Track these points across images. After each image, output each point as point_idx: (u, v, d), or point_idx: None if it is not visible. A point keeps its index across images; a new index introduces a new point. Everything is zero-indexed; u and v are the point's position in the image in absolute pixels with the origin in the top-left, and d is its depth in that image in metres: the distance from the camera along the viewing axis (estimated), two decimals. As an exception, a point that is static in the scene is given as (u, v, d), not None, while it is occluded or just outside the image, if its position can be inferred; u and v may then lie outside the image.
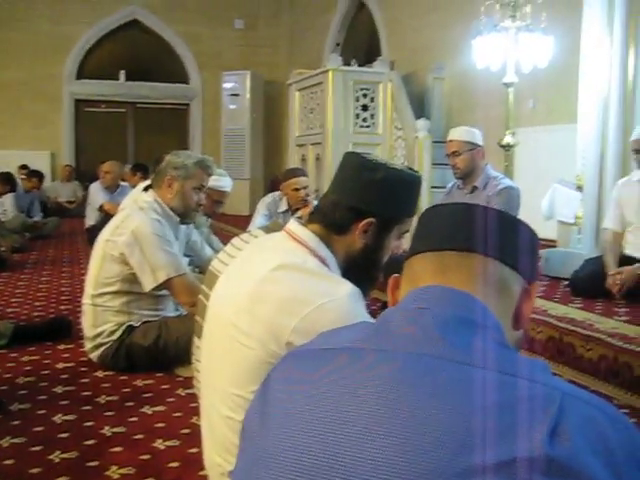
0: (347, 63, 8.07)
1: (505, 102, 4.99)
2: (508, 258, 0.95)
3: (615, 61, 4.43)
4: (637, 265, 3.68)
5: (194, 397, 2.16)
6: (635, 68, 4.36)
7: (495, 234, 0.96)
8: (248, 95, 11.73)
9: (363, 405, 0.76)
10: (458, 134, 4.10)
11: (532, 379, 0.76)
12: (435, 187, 6.61)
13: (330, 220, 1.52)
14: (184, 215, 3.12)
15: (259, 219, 4.67)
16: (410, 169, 1.60)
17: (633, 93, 4.37)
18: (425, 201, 6.33)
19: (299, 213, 4.22)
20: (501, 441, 0.69)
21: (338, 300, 1.35)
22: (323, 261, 1.47)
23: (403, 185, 1.53)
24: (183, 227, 3.30)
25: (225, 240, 1.81)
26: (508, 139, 4.87)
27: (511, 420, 0.71)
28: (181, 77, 12.74)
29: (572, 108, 4.96)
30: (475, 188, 4.04)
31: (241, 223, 7.24)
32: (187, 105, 12.90)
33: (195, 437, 1.92)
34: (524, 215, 4.82)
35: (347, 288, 1.38)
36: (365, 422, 0.75)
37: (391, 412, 0.74)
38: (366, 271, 1.56)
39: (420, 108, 7.97)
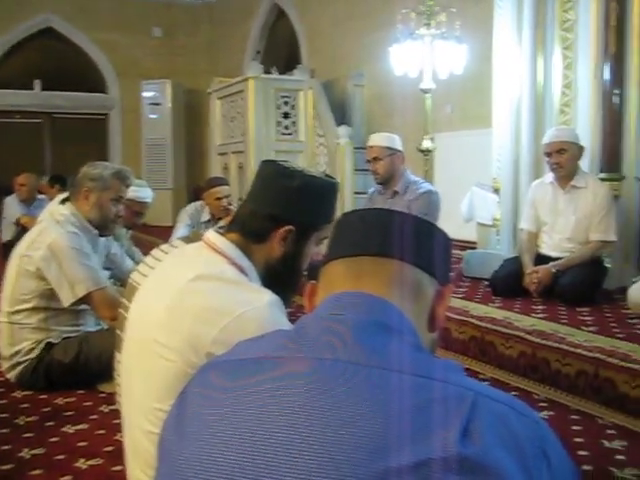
0: (267, 71, 8.08)
1: (423, 108, 5.09)
2: (422, 262, 0.97)
3: (525, 68, 4.57)
4: (552, 264, 3.81)
5: (117, 413, 2.10)
6: (544, 75, 4.51)
7: (409, 238, 0.97)
8: (169, 104, 11.58)
9: (281, 413, 0.76)
10: (378, 140, 4.17)
11: (445, 380, 0.78)
12: (358, 193, 6.69)
13: (248, 229, 1.52)
14: (102, 227, 3.06)
15: (181, 229, 4.62)
16: (327, 175, 1.61)
17: (543, 98, 4.51)
18: (348, 207, 6.39)
19: (222, 222, 4.20)
20: (416, 443, 0.70)
21: (258, 309, 1.35)
22: (242, 270, 1.47)
23: (320, 192, 1.54)
24: (102, 240, 3.23)
25: (148, 252, 1.79)
26: (427, 144, 4.97)
27: (425, 422, 0.72)
28: (99, 86, 12.46)
29: (487, 113, 5.10)
30: (396, 193, 4.11)
31: (164, 234, 7.11)
32: (106, 115, 12.62)
33: (119, 454, 1.87)
34: (445, 218, 4.92)
35: (267, 296, 1.38)
36: (283, 430, 0.75)
37: (309, 419, 0.75)
38: (286, 279, 1.56)
39: (341, 115, 8.05)
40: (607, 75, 4.15)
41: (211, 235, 1.52)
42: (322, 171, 2.13)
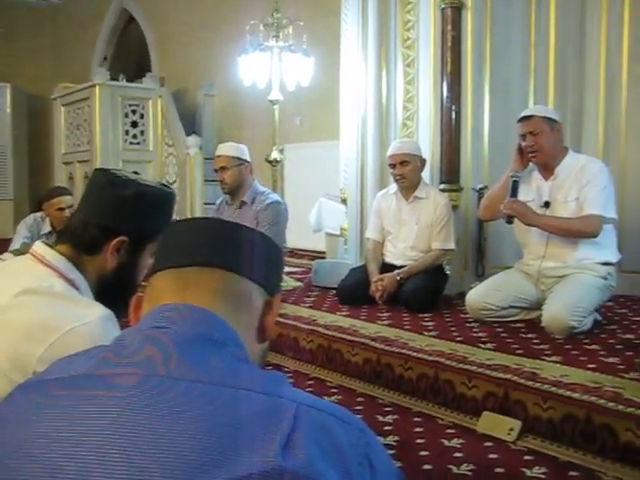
0: (115, 78, 7.85)
1: (272, 119, 5.12)
2: (250, 272, 0.96)
3: (370, 83, 4.72)
4: (396, 272, 3.93)
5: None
6: (387, 90, 4.68)
7: (237, 248, 0.96)
8: (9, 110, 10.98)
9: (96, 434, 0.73)
10: (225, 150, 4.16)
11: (268, 392, 0.77)
12: (208, 203, 6.63)
13: (79, 240, 1.45)
14: None
15: (20, 242, 4.37)
16: (163, 185, 1.58)
17: (387, 112, 4.68)
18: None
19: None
20: (237, 458, 0.69)
21: (89, 324, 1.29)
22: (72, 284, 1.40)
23: (155, 201, 1.50)
24: None
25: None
26: (275, 155, 5.00)
27: (246, 436, 0.71)
28: None
29: (336, 125, 5.21)
30: (243, 203, 4.11)
31: (3, 247, 6.72)
32: (-63, 120, 11.77)
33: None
34: (294, 228, 4.95)
35: (98, 311, 1.32)
36: (98, 451, 0.71)
37: (126, 438, 0.71)
38: (121, 291, 1.50)
39: (191, 125, 7.97)
40: (445, 91, 4.37)
41: (39, 247, 1.45)
42: (158, 181, 2.08)
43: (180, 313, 0.88)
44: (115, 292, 1.48)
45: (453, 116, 4.36)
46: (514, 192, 3.44)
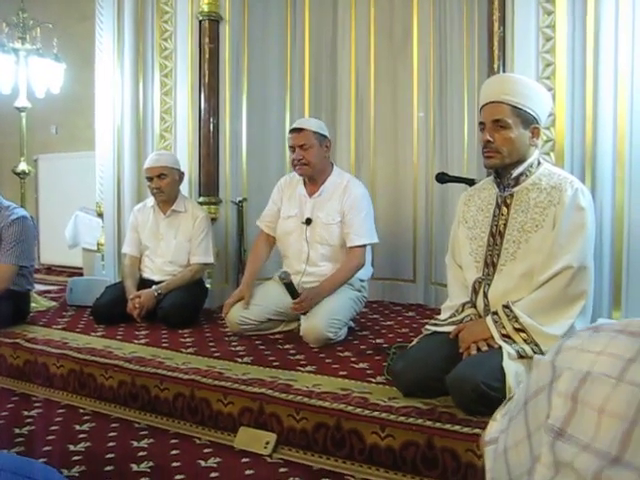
0: None
1: (19, 127, 4.76)
2: None
3: (127, 92, 4.57)
4: (155, 287, 3.81)
5: None
6: (144, 100, 4.54)
7: None
8: None
9: None
10: (-38, 162, 3.78)
11: None
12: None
13: None
14: None
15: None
16: None
17: (144, 123, 4.54)
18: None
19: None
20: None
21: None
22: None
23: None
24: None
25: None
26: (23, 167, 4.65)
27: None
28: None
29: (92, 135, 4.96)
30: (-17, 221, 3.76)
31: None
32: None
33: None
34: (51, 243, 4.65)
35: None
36: None
37: None
38: None
39: None
40: (203, 103, 4.34)
41: None
42: None
43: None
44: None
45: (211, 128, 4.35)
46: (293, 293, 3.34)
